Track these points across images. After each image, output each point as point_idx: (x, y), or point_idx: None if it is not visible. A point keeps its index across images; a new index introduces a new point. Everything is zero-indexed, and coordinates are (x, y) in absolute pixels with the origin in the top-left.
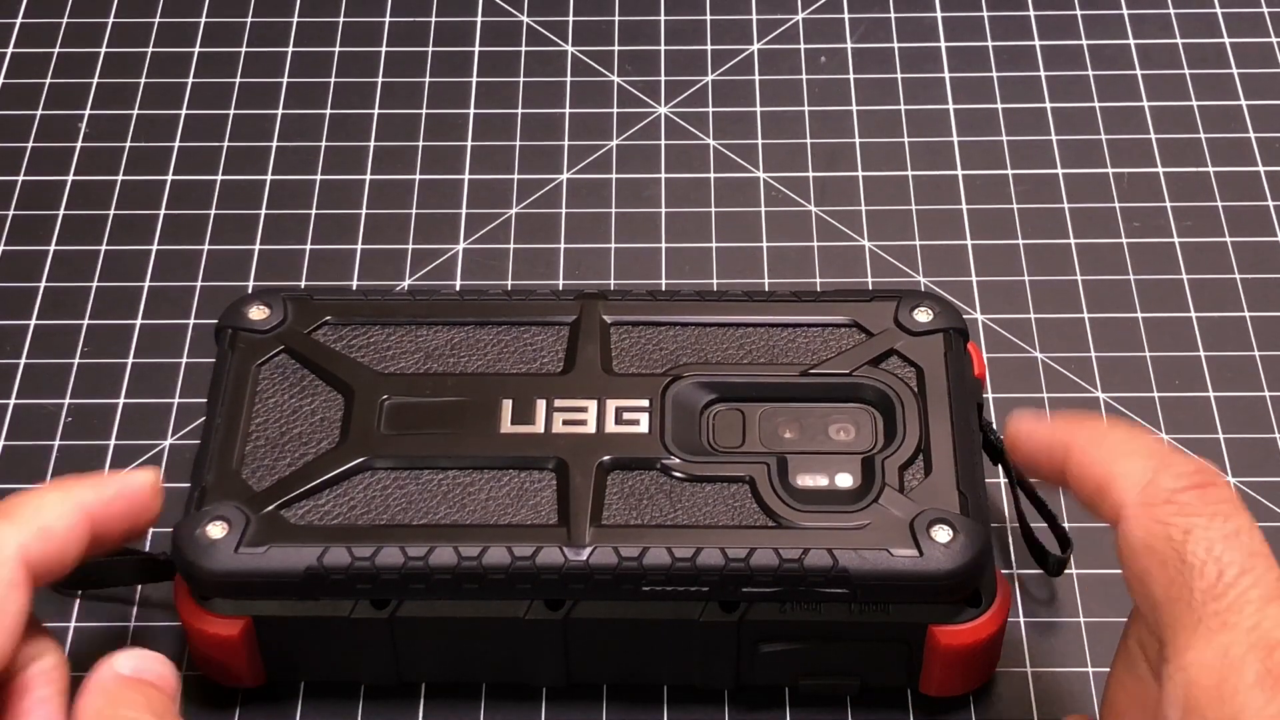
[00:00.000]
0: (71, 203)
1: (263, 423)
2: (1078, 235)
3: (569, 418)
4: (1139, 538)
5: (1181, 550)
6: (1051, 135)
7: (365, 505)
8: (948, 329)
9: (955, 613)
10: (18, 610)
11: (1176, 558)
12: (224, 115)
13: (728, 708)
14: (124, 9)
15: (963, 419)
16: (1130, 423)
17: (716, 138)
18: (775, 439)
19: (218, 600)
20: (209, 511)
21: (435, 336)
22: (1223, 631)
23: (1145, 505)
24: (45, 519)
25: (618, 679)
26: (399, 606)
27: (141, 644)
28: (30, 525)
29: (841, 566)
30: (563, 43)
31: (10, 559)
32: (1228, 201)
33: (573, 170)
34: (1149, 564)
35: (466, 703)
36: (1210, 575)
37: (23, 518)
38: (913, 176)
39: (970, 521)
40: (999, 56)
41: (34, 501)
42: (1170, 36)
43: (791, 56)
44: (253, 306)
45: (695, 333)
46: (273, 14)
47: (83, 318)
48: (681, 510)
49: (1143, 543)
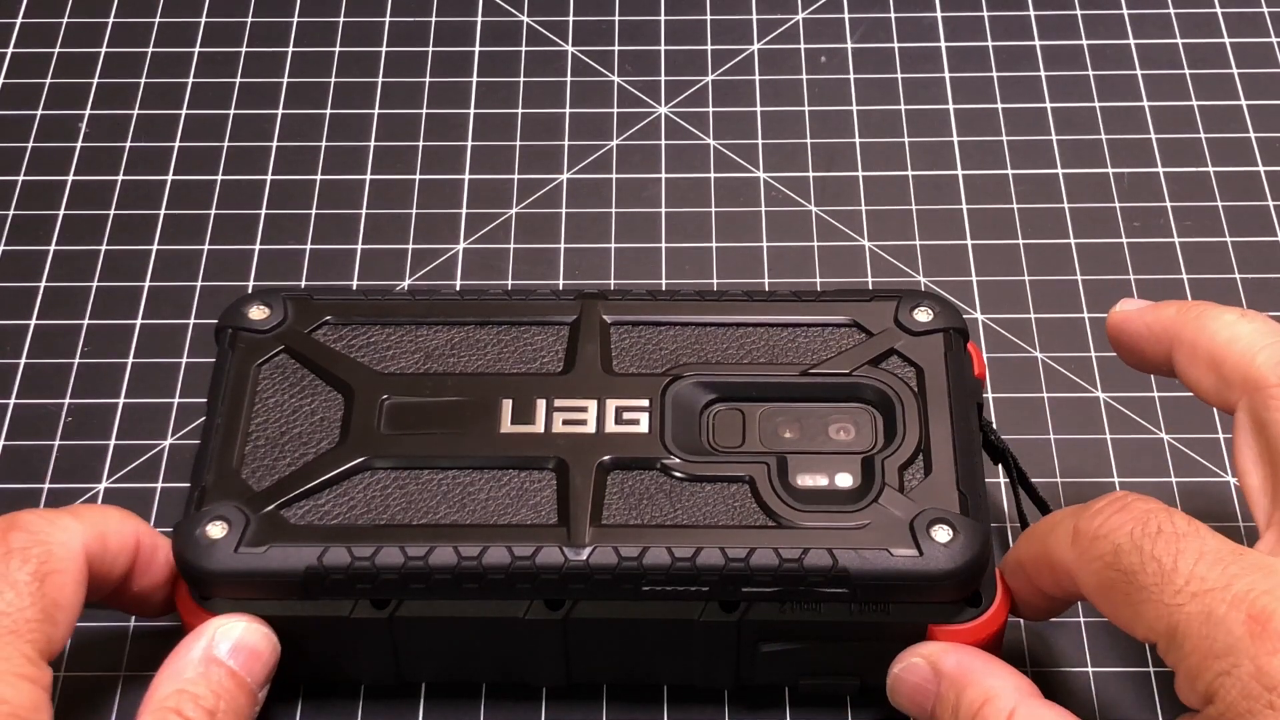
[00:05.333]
0: (71, 203)
1: (263, 423)
2: (1078, 235)
3: (569, 418)
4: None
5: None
6: (1051, 135)
7: (365, 505)
8: (948, 329)
9: (955, 613)
10: (79, 604)
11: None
12: (224, 115)
13: (728, 708)
14: (124, 9)
15: (963, 419)
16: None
17: (716, 138)
18: (775, 439)
19: (218, 600)
20: (209, 511)
21: (435, 336)
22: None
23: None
24: (107, 527)
25: (618, 679)
26: (399, 606)
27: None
28: (94, 529)
29: (841, 566)
30: (563, 43)
31: (77, 553)
32: (1228, 201)
33: (573, 170)
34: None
35: (466, 703)
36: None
37: (88, 519)
38: (913, 176)
39: (970, 521)
40: (999, 56)
41: (99, 510)
42: (1170, 36)
43: (791, 56)
44: (253, 306)
45: (695, 333)
46: (273, 14)
47: (83, 318)
48: (681, 510)
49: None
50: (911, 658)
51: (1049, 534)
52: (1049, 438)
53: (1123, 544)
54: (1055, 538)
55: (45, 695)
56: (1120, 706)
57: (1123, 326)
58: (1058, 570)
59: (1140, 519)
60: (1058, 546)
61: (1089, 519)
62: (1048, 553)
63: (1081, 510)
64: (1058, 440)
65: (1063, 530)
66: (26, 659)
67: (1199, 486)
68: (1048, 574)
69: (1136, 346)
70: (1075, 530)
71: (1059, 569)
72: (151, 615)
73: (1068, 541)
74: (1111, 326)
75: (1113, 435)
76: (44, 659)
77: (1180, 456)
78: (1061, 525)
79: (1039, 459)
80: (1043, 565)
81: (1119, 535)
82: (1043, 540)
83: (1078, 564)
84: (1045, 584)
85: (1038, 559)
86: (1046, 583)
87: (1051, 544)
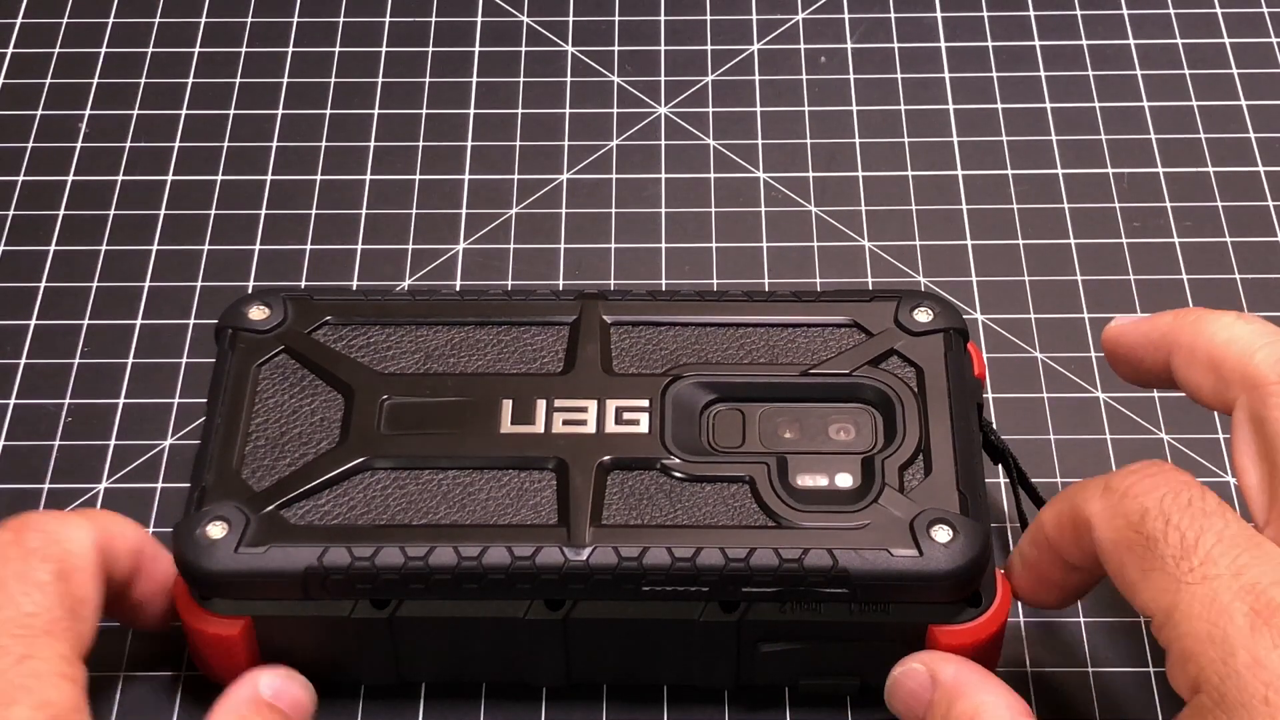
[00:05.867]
0: (71, 203)
1: (263, 423)
2: (1078, 235)
3: (569, 418)
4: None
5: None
6: (1051, 135)
7: (365, 505)
8: (948, 329)
9: (955, 613)
10: (100, 601)
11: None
12: (224, 115)
13: (728, 708)
14: (124, 9)
15: (963, 419)
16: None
17: (716, 138)
18: (775, 439)
19: (218, 600)
20: (209, 511)
21: (435, 336)
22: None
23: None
24: (113, 530)
25: (618, 679)
26: (399, 606)
27: (140, 644)
28: (102, 530)
29: (841, 566)
30: (563, 43)
31: (92, 552)
32: (1228, 201)
33: (573, 170)
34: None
35: (466, 703)
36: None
37: (97, 521)
38: (913, 176)
39: (970, 521)
40: (999, 56)
41: (103, 513)
42: (1170, 36)
43: (791, 56)
44: (253, 306)
45: (695, 333)
46: (273, 14)
47: (83, 318)
48: (681, 510)
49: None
50: (912, 663)
51: (1079, 490)
52: (1049, 438)
53: (1151, 508)
54: (1086, 492)
55: (84, 694)
56: (1120, 706)
57: (1119, 339)
58: (1080, 528)
59: (1174, 488)
60: (1087, 500)
61: (1123, 476)
62: (1074, 508)
63: (1116, 471)
64: (1058, 440)
65: (1094, 485)
66: (63, 658)
67: None
68: (1070, 534)
69: (1134, 357)
70: (1107, 485)
71: (1082, 527)
72: (149, 627)
73: (1098, 493)
74: (1108, 340)
75: (1113, 435)
76: (77, 657)
77: (1180, 456)
78: (1093, 482)
79: (1039, 459)
80: (1067, 524)
81: (1149, 499)
82: (1071, 497)
83: (1102, 516)
84: (1066, 547)
85: (1062, 516)
86: (1068, 545)
87: (1080, 498)
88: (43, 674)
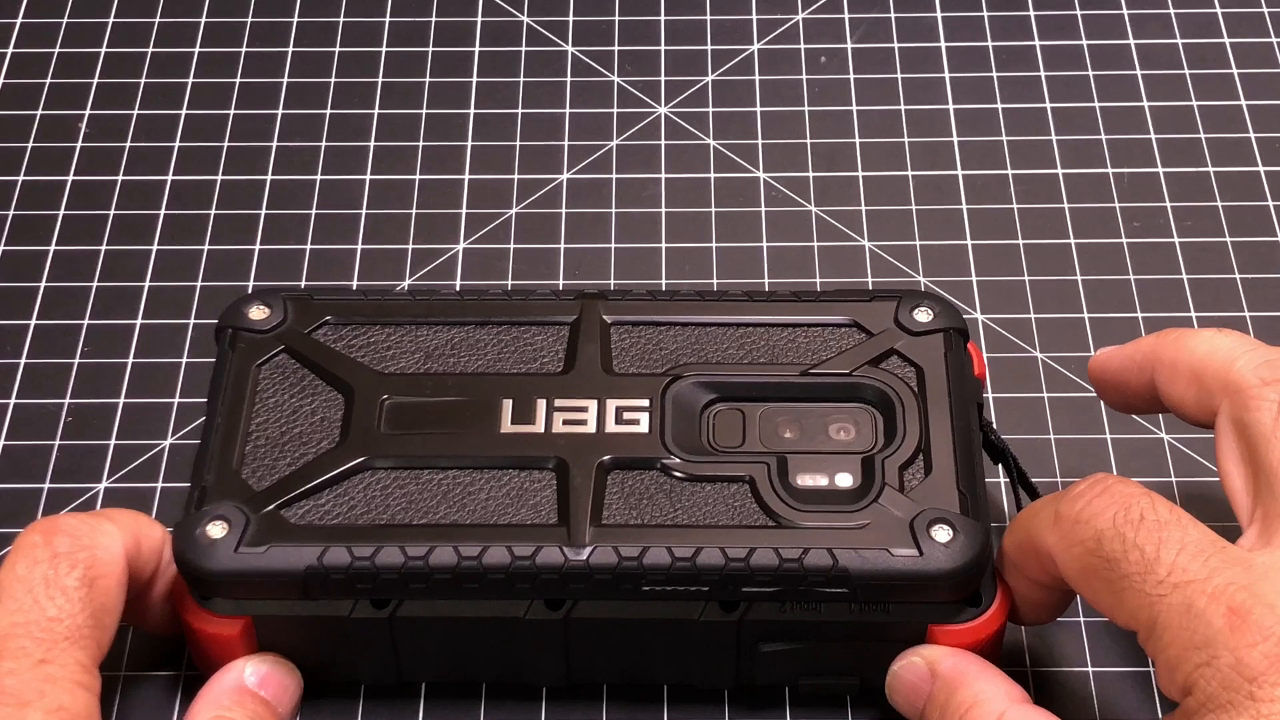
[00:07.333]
0: (71, 203)
1: (263, 423)
2: (1078, 235)
3: (569, 417)
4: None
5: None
6: (1051, 135)
7: (365, 505)
8: (948, 329)
9: (955, 613)
10: (121, 609)
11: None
12: (224, 115)
13: (728, 708)
14: (124, 9)
15: (963, 419)
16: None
17: (716, 138)
18: (775, 439)
19: (218, 600)
20: (209, 511)
21: (435, 336)
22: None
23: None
24: (140, 531)
25: (618, 679)
26: (399, 606)
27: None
28: (130, 533)
29: (841, 566)
30: (563, 43)
31: (119, 558)
32: (1228, 201)
33: (573, 170)
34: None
35: (466, 703)
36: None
37: (124, 523)
38: (913, 176)
39: (970, 521)
40: (999, 56)
41: (132, 514)
42: (1170, 36)
43: (791, 56)
44: (253, 306)
45: (695, 333)
46: (273, 14)
47: (83, 318)
48: (681, 510)
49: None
50: (911, 657)
51: (1032, 520)
52: (1049, 438)
53: (1104, 530)
54: (1038, 523)
55: (97, 702)
56: (1120, 706)
57: (1105, 366)
58: (1042, 556)
59: (1123, 504)
60: (1040, 531)
61: (1070, 503)
62: (1031, 539)
63: (1063, 495)
64: (1058, 440)
65: (1045, 515)
66: (81, 666)
67: (1199, 487)
68: (1033, 561)
69: (1120, 382)
70: (1056, 514)
71: (1043, 555)
72: (158, 629)
73: (1049, 525)
74: (1093, 371)
75: (1113, 435)
76: (95, 665)
77: (1180, 456)
78: (1044, 510)
79: (1039, 459)
80: (1028, 552)
81: (1100, 521)
82: (1025, 527)
83: (1059, 548)
84: (1033, 572)
85: (1022, 546)
86: (1034, 570)
87: (1034, 529)
88: (59, 679)
